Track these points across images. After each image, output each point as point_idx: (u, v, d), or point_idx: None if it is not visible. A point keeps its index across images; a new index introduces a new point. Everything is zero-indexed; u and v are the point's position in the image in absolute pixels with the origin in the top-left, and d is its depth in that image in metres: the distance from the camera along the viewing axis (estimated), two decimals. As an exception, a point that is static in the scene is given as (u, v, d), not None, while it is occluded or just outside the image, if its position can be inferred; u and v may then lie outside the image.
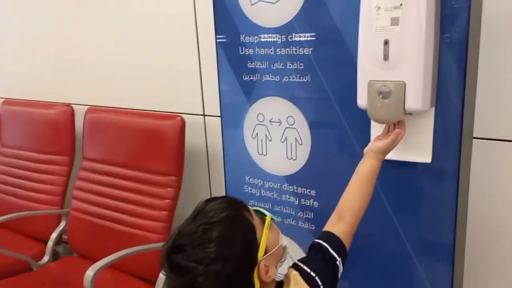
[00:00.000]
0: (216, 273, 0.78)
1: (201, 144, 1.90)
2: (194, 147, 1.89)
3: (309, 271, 0.90)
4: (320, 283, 0.89)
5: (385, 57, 1.03)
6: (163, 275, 1.59)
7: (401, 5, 1.00)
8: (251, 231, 0.86)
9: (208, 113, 1.85)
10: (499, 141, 1.18)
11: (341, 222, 0.98)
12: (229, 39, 1.45)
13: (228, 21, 1.43)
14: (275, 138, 1.43)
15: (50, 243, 2.05)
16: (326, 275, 0.90)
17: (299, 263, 0.93)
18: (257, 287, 0.84)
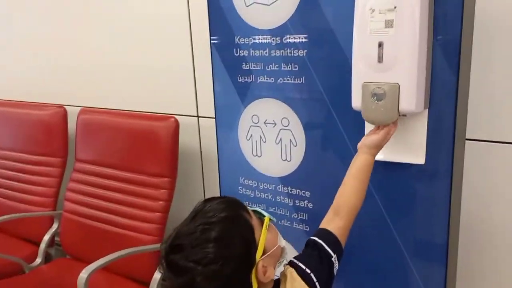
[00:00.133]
0: (215, 273, 0.78)
1: (195, 145, 1.90)
2: (188, 149, 1.89)
3: (304, 268, 0.91)
4: (315, 279, 0.89)
5: (379, 59, 1.04)
6: (160, 274, 1.61)
7: (395, 7, 1.00)
8: (249, 231, 0.86)
9: (202, 114, 1.85)
10: (491, 143, 1.20)
11: (337, 218, 0.98)
12: (223, 40, 1.45)
13: (223, 23, 1.43)
14: (270, 140, 1.43)
15: (43, 245, 2.04)
16: (321, 272, 0.91)
17: (295, 260, 0.93)
18: (254, 287, 0.84)
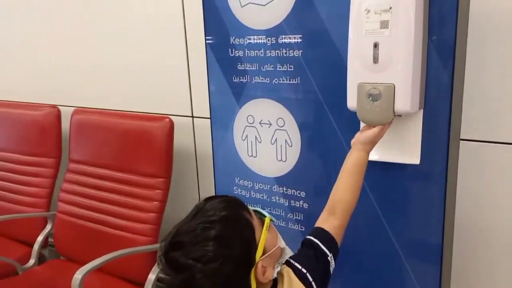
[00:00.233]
0: (214, 271, 0.78)
1: (189, 146, 1.89)
2: (182, 149, 1.89)
3: (300, 267, 0.91)
4: (311, 279, 0.89)
5: (375, 60, 1.04)
6: (155, 276, 1.60)
7: (390, 8, 1.01)
8: (250, 231, 0.86)
9: (196, 114, 1.84)
10: (486, 143, 1.21)
11: (332, 217, 0.98)
12: (218, 40, 1.45)
13: (218, 23, 1.42)
14: (265, 140, 1.43)
15: (36, 246, 2.02)
16: (317, 271, 0.91)
17: (291, 260, 0.93)
18: (253, 287, 0.84)
